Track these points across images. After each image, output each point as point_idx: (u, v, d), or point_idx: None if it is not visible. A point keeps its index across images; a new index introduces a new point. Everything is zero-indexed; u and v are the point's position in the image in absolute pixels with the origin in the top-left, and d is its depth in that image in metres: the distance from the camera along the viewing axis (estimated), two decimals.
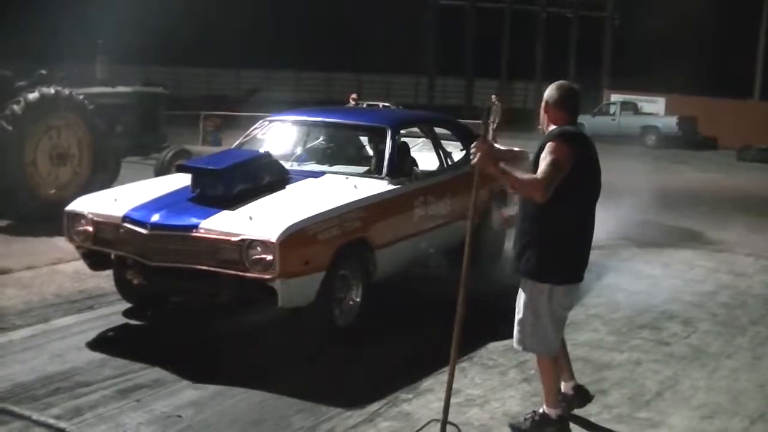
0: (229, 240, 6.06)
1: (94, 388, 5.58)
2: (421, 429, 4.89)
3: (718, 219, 13.40)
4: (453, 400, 4.94)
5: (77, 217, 6.86)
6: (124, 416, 5.17)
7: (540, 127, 4.97)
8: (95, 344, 6.54)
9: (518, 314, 4.91)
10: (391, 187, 7.37)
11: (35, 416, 5.12)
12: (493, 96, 29.53)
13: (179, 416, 5.18)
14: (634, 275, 9.06)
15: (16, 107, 11.43)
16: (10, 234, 10.51)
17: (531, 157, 4.92)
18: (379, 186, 7.32)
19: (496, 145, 8.50)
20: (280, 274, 5.95)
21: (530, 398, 5.50)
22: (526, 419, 5.01)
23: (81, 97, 12.14)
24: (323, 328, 6.55)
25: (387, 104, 29.00)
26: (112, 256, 6.80)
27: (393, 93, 43.94)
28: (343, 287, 6.73)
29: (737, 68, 38.33)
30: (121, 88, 14.09)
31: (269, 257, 5.95)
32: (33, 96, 11.56)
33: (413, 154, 8.35)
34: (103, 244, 6.78)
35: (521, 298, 4.89)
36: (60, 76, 12.41)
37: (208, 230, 6.18)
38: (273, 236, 5.95)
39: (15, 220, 11.13)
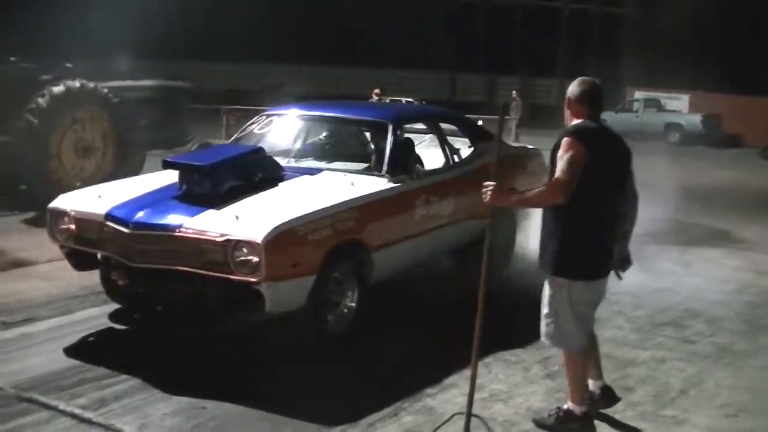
0: (213, 240, 5.74)
1: (119, 379, 5.63)
2: (445, 423, 4.89)
3: (742, 217, 13.30)
4: (477, 396, 4.95)
5: (60, 214, 6.60)
6: (149, 407, 5.22)
7: (565, 123, 4.97)
8: (119, 336, 6.61)
9: (543, 309, 4.94)
10: (391, 185, 6.99)
11: (62, 406, 5.18)
12: (514, 92, 29.48)
13: (203, 408, 5.21)
14: (657, 273, 8.99)
15: (41, 100, 11.55)
16: (35, 226, 10.58)
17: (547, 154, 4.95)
18: (378, 184, 6.93)
19: (511, 143, 8.47)
20: (266, 277, 5.63)
21: (554, 394, 5.50)
22: (550, 415, 5.01)
23: (105, 90, 12.24)
24: (315, 333, 6.24)
25: (410, 99, 28.93)
26: (99, 256, 6.57)
27: (414, 89, 43.84)
28: (337, 291, 6.41)
29: (762, 65, 37.95)
30: (145, 82, 14.16)
31: (255, 259, 5.62)
32: (58, 89, 11.68)
33: (420, 151, 8.07)
34: (85, 244, 6.51)
35: (545, 293, 4.92)
36: (84, 70, 12.51)
37: (192, 230, 5.87)
38: (259, 237, 5.62)
39: (39, 212, 11.21)
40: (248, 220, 5.83)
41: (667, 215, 12.30)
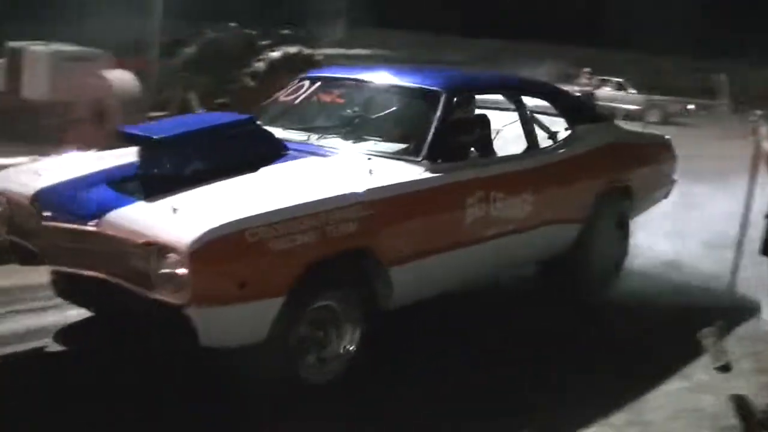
0: (133, 241, 4.14)
1: None
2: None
3: None
4: (682, 384, 5.06)
5: None
6: None
7: None
8: None
9: None
10: (427, 174, 5.13)
11: None
12: (722, 75, 28.50)
13: None
14: None
15: (259, 64, 12.16)
16: None
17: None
18: (408, 172, 5.09)
19: (627, 128, 7.92)
20: (193, 299, 3.98)
21: (763, 390, 5.36)
22: (762, 411, 4.93)
23: (321, 57, 12.72)
24: (283, 382, 4.46)
25: (620, 80, 28.67)
26: None
27: (623, 70, 42.78)
28: (324, 326, 4.68)
29: None
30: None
31: (181, 272, 3.98)
32: (276, 55, 12.26)
33: (507, 133, 6.69)
34: (19, 234, 4.87)
35: None
36: (302, 36, 13.07)
37: (110, 225, 4.29)
38: (185, 241, 3.96)
39: None
40: (187, 216, 4.19)
41: None
